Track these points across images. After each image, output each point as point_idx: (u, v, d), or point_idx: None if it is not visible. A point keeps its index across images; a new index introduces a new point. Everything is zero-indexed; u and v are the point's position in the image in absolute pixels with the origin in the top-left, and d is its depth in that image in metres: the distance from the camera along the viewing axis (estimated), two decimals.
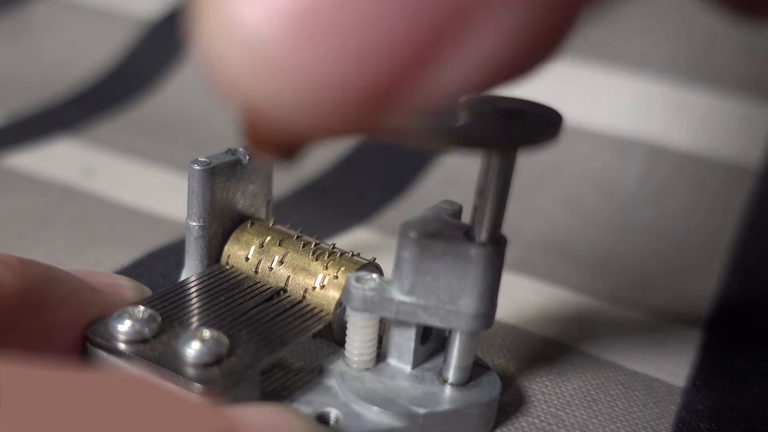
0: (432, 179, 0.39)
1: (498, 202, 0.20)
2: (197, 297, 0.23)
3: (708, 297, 0.31)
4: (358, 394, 0.21)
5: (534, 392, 0.24)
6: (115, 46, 0.51)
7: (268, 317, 0.22)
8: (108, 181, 0.37)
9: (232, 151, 0.25)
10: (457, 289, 0.20)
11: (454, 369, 0.21)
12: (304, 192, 0.38)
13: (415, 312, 0.21)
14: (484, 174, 0.19)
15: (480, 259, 0.20)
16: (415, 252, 0.20)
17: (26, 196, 0.35)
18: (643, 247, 0.35)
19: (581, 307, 0.30)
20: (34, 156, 0.39)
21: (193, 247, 0.24)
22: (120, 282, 0.22)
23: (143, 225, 0.33)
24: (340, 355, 0.22)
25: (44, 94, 0.48)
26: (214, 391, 0.19)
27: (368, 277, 0.21)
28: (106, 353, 0.20)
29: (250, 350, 0.20)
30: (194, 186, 0.23)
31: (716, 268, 0.33)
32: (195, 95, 0.47)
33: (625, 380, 0.25)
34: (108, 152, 0.40)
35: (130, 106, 0.46)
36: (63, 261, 0.29)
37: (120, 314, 0.20)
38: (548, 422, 0.23)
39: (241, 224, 0.25)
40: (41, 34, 0.53)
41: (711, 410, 0.24)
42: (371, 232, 0.34)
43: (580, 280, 0.31)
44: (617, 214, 0.36)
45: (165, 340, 0.20)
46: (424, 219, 0.21)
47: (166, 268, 0.29)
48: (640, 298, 0.31)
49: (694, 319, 0.29)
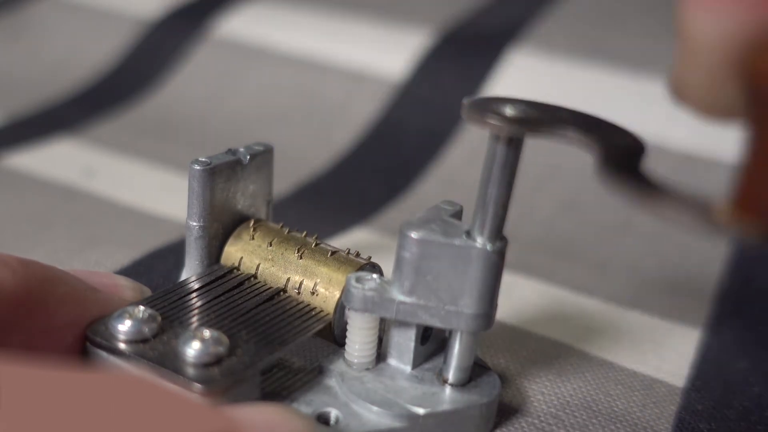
0: (432, 179, 0.39)
1: (499, 202, 0.20)
2: (197, 297, 0.23)
3: (708, 297, 0.31)
4: (358, 394, 0.21)
5: (534, 392, 0.24)
6: (115, 46, 0.51)
7: (268, 317, 0.22)
8: (108, 181, 0.37)
9: (232, 151, 0.25)
10: (457, 290, 0.20)
11: (454, 369, 0.21)
12: (304, 192, 0.38)
13: (415, 312, 0.21)
14: (486, 175, 0.19)
15: (480, 260, 0.20)
16: (416, 252, 0.20)
17: (26, 196, 0.35)
18: (643, 247, 0.35)
19: (581, 307, 0.30)
20: (34, 156, 0.39)
21: (193, 247, 0.24)
22: (120, 282, 0.22)
23: (143, 225, 0.33)
24: (340, 355, 0.22)
25: (44, 94, 0.48)
26: (214, 391, 0.19)
27: (368, 277, 0.21)
28: (106, 353, 0.20)
29: (250, 350, 0.20)
30: (194, 186, 0.23)
31: (716, 268, 0.33)
32: (195, 95, 0.47)
33: (625, 380, 0.25)
34: (108, 152, 0.40)
35: (130, 106, 0.46)
36: (63, 261, 0.29)
37: (120, 314, 0.20)
38: (548, 422, 0.23)
39: (241, 224, 0.25)
40: (41, 34, 0.53)
41: (711, 410, 0.24)
42: (371, 232, 0.34)
43: (580, 280, 0.31)
44: (617, 214, 0.36)
45: (165, 339, 0.20)
46: (424, 219, 0.21)
47: (166, 268, 0.29)
48: (640, 298, 0.31)
49: (694, 319, 0.29)
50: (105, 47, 0.51)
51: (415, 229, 0.20)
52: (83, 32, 0.52)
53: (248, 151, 0.25)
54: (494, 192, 0.19)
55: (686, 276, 0.33)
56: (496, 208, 0.20)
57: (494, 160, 0.19)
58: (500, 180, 0.19)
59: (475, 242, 0.20)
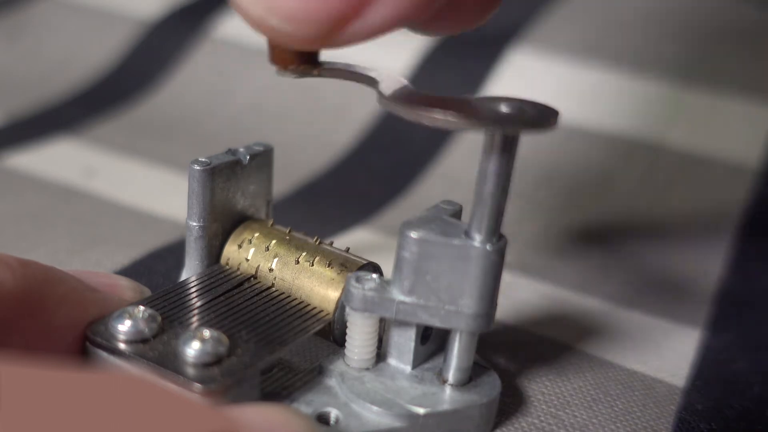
0: (432, 179, 0.39)
1: (498, 202, 0.20)
2: (197, 297, 0.23)
3: (708, 296, 0.31)
4: (358, 394, 0.21)
5: (534, 392, 0.24)
6: (115, 46, 0.51)
7: (268, 317, 0.22)
8: (108, 181, 0.37)
9: (232, 151, 0.25)
10: (457, 290, 0.20)
11: (454, 369, 0.21)
12: (304, 192, 0.38)
13: (415, 312, 0.21)
14: (483, 174, 0.19)
15: (480, 260, 0.20)
16: (416, 252, 0.20)
17: (26, 196, 0.35)
18: (643, 247, 0.35)
19: (581, 307, 0.30)
20: (34, 156, 0.39)
21: (193, 247, 0.24)
22: (119, 282, 0.22)
23: (143, 225, 0.33)
24: (340, 355, 0.22)
25: (44, 94, 0.48)
26: (214, 391, 0.19)
27: (368, 277, 0.21)
28: (106, 353, 0.20)
29: (250, 350, 0.20)
30: (194, 186, 0.23)
31: (716, 268, 0.33)
32: (195, 95, 0.47)
33: (625, 380, 0.25)
34: (108, 152, 0.40)
35: (130, 106, 0.46)
36: (63, 261, 0.29)
37: (120, 314, 0.20)
38: (548, 422, 0.23)
39: (241, 224, 0.25)
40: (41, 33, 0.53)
41: (711, 410, 0.24)
42: (371, 232, 0.34)
43: (580, 280, 0.31)
44: (617, 214, 0.36)
45: (165, 339, 0.20)
46: (424, 219, 0.21)
47: (166, 268, 0.29)
48: (640, 298, 0.31)
49: (694, 319, 0.29)
50: (105, 47, 0.51)
51: (414, 228, 0.20)
52: (83, 32, 0.52)
53: (248, 151, 0.25)
54: (492, 191, 0.19)
55: (686, 276, 0.33)
56: (495, 207, 0.20)
57: (490, 159, 0.19)
58: (498, 178, 0.19)
59: (475, 242, 0.20)
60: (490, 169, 0.19)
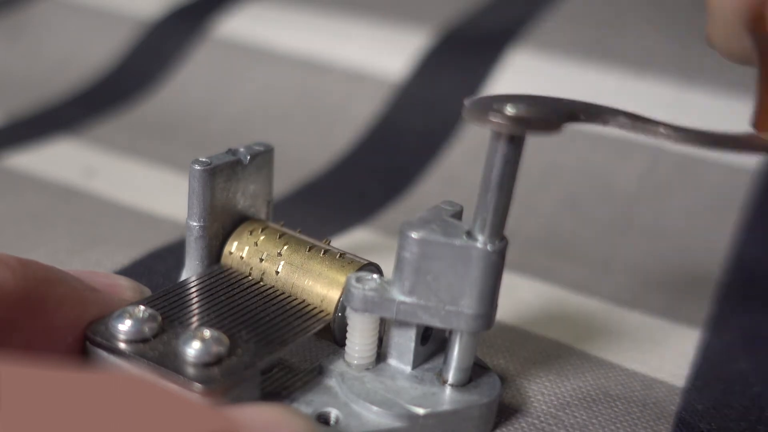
0: (432, 179, 0.39)
1: (500, 202, 0.20)
2: (197, 297, 0.23)
3: (708, 296, 0.31)
4: (358, 394, 0.21)
5: (534, 392, 0.24)
6: (115, 46, 0.51)
7: (268, 317, 0.22)
8: (108, 181, 0.37)
9: (232, 151, 0.25)
10: (457, 290, 0.20)
11: (454, 370, 0.21)
12: (304, 192, 0.38)
13: (415, 312, 0.21)
14: (487, 174, 0.19)
15: (480, 260, 0.20)
16: (416, 252, 0.20)
17: (26, 196, 0.35)
18: (643, 247, 0.35)
19: (581, 307, 0.30)
20: (34, 156, 0.39)
21: (193, 247, 0.24)
22: (119, 282, 0.22)
23: (143, 225, 0.33)
24: (340, 355, 0.22)
25: (44, 93, 0.48)
26: (214, 391, 0.19)
27: (368, 277, 0.21)
28: (106, 353, 0.20)
29: (250, 350, 0.20)
30: (194, 186, 0.23)
31: (716, 268, 0.33)
32: (195, 95, 0.47)
33: (625, 380, 0.25)
34: (108, 152, 0.40)
35: (130, 106, 0.46)
36: (63, 261, 0.29)
37: (120, 314, 0.20)
38: (548, 422, 0.23)
39: (241, 224, 0.25)
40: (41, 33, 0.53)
41: (711, 410, 0.24)
42: (371, 232, 0.34)
43: (580, 280, 0.31)
44: (617, 214, 0.36)
45: (165, 339, 0.20)
46: (424, 219, 0.21)
47: (166, 268, 0.29)
48: (640, 298, 0.31)
49: (694, 319, 0.29)
50: (105, 47, 0.51)
51: (415, 229, 0.20)
52: (83, 32, 0.52)
53: (248, 151, 0.25)
54: (495, 192, 0.19)
55: (686, 276, 0.33)
56: (497, 208, 0.20)
57: (495, 159, 0.19)
58: (501, 179, 0.19)
59: (476, 242, 0.20)
60: (495, 170, 0.19)
